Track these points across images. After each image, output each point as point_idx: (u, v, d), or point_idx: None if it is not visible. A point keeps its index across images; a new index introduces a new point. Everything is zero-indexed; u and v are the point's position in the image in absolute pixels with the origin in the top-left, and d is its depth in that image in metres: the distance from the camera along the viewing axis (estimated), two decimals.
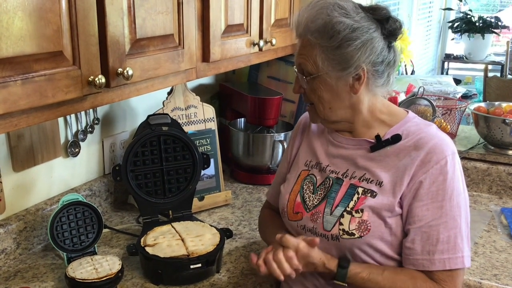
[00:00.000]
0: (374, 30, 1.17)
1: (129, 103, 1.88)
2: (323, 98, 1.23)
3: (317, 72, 1.20)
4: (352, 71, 1.18)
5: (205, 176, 1.88)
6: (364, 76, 1.19)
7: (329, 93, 1.22)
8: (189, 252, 1.39)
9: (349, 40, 1.16)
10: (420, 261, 1.17)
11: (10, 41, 0.94)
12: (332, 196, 1.26)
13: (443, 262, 1.16)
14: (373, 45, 1.17)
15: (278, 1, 1.94)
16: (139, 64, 1.26)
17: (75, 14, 1.07)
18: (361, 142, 1.27)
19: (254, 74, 2.38)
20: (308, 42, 1.20)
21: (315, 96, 1.24)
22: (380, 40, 1.18)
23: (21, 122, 1.03)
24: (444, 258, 1.16)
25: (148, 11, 1.27)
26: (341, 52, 1.17)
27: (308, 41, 1.20)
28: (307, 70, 1.22)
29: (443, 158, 1.17)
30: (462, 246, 1.16)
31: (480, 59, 5.88)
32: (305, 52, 1.21)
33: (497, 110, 2.08)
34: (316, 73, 1.20)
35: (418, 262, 1.17)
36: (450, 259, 1.16)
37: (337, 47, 1.16)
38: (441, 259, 1.16)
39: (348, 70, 1.18)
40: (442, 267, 1.16)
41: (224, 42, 1.62)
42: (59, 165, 1.65)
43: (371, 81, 1.21)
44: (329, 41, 1.17)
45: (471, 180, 2.05)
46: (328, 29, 1.16)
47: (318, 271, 1.22)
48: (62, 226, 1.42)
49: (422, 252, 1.17)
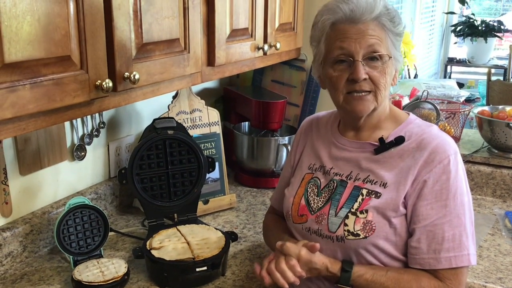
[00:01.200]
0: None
1: (135, 107, 1.89)
2: (387, 83, 1.22)
3: (390, 55, 1.21)
4: (401, 60, 1.24)
5: (210, 179, 1.89)
6: (399, 69, 1.26)
7: (390, 78, 1.23)
8: (194, 255, 1.40)
9: (402, 33, 1.24)
10: (427, 260, 1.18)
11: (19, 46, 0.95)
12: (337, 198, 1.27)
13: (449, 260, 1.16)
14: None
15: (282, 5, 1.95)
16: (145, 68, 1.27)
17: (83, 19, 1.08)
18: (364, 145, 1.28)
19: (258, 78, 2.39)
20: (377, 25, 1.19)
21: (383, 80, 1.20)
22: None
23: (29, 126, 1.04)
24: (450, 256, 1.16)
25: (154, 16, 1.28)
26: (400, 40, 1.23)
27: (377, 25, 1.19)
28: (382, 52, 1.19)
29: (446, 158, 1.18)
30: (467, 244, 1.17)
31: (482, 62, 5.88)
32: (375, 34, 1.19)
33: (501, 114, 2.08)
34: (389, 55, 1.21)
35: (425, 261, 1.18)
36: (456, 257, 1.16)
37: (399, 34, 1.22)
38: (447, 257, 1.16)
39: (400, 58, 1.24)
40: (449, 265, 1.16)
41: (229, 46, 1.63)
42: (65, 169, 1.66)
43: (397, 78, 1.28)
44: (397, 27, 1.21)
45: (475, 183, 2.06)
46: (398, 16, 1.22)
47: (322, 275, 1.23)
48: (69, 229, 1.43)
49: (428, 251, 1.17)
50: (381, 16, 1.19)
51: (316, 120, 1.45)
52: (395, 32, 1.21)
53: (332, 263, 1.21)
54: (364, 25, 1.18)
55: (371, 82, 1.20)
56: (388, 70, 1.21)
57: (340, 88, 1.22)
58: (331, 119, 1.40)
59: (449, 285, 1.16)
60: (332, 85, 1.24)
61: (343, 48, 1.19)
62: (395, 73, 1.26)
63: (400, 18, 1.23)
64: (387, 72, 1.20)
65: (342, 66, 1.20)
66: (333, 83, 1.23)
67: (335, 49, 1.20)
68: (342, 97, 1.22)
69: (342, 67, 1.20)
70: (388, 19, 1.20)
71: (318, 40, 1.25)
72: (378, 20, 1.18)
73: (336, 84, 1.22)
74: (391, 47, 1.21)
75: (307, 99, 2.25)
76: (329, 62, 1.22)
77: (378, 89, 1.20)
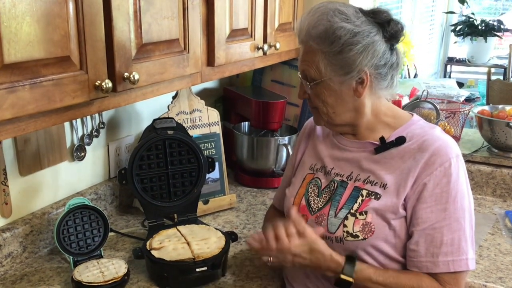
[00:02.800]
0: (375, 33, 1.18)
1: (134, 107, 1.89)
2: (327, 103, 1.24)
3: (320, 78, 1.21)
4: (355, 75, 1.19)
5: (210, 179, 1.89)
6: (367, 79, 1.20)
7: (332, 98, 1.23)
8: (194, 255, 1.39)
9: (350, 45, 1.17)
10: (424, 263, 1.17)
11: (19, 46, 0.95)
12: (337, 199, 1.27)
13: (447, 264, 1.16)
14: (374, 49, 1.18)
15: (282, 5, 1.95)
16: (145, 68, 1.27)
17: (82, 19, 1.08)
18: (365, 145, 1.28)
19: (258, 78, 2.39)
20: (310, 48, 1.21)
21: (319, 101, 1.25)
22: (381, 43, 1.19)
23: (29, 127, 1.04)
24: (448, 260, 1.16)
25: (154, 16, 1.28)
26: (343, 57, 1.18)
27: (310, 47, 1.21)
28: (310, 76, 1.23)
29: (447, 161, 1.18)
30: (466, 249, 1.17)
31: (482, 62, 5.88)
32: (307, 58, 1.23)
33: (501, 113, 2.08)
34: (319, 78, 1.21)
35: (422, 264, 1.18)
36: (454, 261, 1.16)
37: (339, 52, 1.17)
38: (445, 261, 1.16)
39: (350, 74, 1.19)
40: (446, 269, 1.16)
41: (229, 46, 1.63)
42: (65, 169, 1.66)
43: (374, 84, 1.22)
44: (330, 47, 1.18)
45: (475, 183, 2.06)
46: (329, 34, 1.17)
47: (323, 266, 1.19)
48: (68, 230, 1.43)
49: (426, 254, 1.17)
50: (312, 37, 1.19)
51: None
52: (332, 52, 1.18)
53: (336, 253, 1.20)
54: (303, 47, 1.26)
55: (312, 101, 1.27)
56: (324, 91, 1.22)
57: None
58: None
59: None
60: None
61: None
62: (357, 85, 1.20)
63: (335, 34, 1.16)
64: (322, 93, 1.23)
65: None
66: None
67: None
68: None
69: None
70: (320, 40, 1.18)
71: None
72: (310, 42, 1.20)
73: None
74: (324, 69, 1.20)
75: None
76: None
77: (318, 107, 1.27)
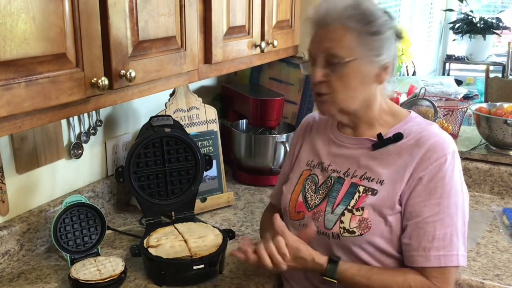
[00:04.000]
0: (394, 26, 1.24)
1: (131, 105, 1.89)
2: (350, 85, 1.21)
3: (351, 56, 1.19)
4: (384, 58, 1.21)
5: (207, 177, 1.89)
6: (390, 66, 1.23)
7: (357, 80, 1.21)
8: (192, 253, 1.39)
9: (385, 28, 1.21)
10: (416, 257, 1.18)
11: (14, 44, 0.95)
12: (334, 195, 1.27)
13: (438, 258, 1.16)
14: (395, 39, 1.24)
15: (280, 2, 1.94)
16: (141, 66, 1.26)
17: (78, 16, 1.07)
18: (363, 141, 1.28)
19: (255, 75, 2.38)
20: (340, 27, 1.19)
21: (341, 83, 1.21)
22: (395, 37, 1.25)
23: (25, 124, 1.04)
24: (439, 255, 1.16)
25: (150, 13, 1.27)
26: (377, 38, 1.20)
27: (338, 27, 1.19)
28: (338, 55, 1.19)
29: (443, 156, 1.18)
30: (457, 245, 1.17)
31: (481, 60, 5.88)
32: (334, 37, 1.19)
33: (498, 111, 2.08)
34: (350, 57, 1.19)
35: (414, 258, 1.18)
36: (446, 256, 1.16)
37: (374, 32, 1.19)
38: (437, 256, 1.16)
39: (380, 57, 1.21)
40: (437, 264, 1.16)
41: (226, 43, 1.63)
42: (62, 167, 1.65)
43: (388, 75, 1.25)
44: (366, 26, 1.18)
45: (473, 180, 2.06)
46: (369, 15, 1.19)
47: (309, 268, 1.21)
48: (66, 228, 1.43)
49: (418, 248, 1.17)
50: (344, 17, 1.18)
51: (316, 117, 1.45)
52: (367, 32, 1.18)
53: (319, 256, 1.21)
54: (327, 28, 1.21)
55: (329, 85, 1.22)
56: (351, 72, 1.20)
57: (313, 89, 1.27)
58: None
59: (436, 284, 1.16)
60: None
61: (309, 50, 1.26)
62: (381, 71, 1.22)
63: (374, 15, 1.19)
64: (348, 74, 1.20)
65: (311, 68, 1.26)
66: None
67: (307, 52, 1.27)
68: (314, 97, 1.28)
69: (311, 69, 1.25)
70: (355, 19, 1.18)
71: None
72: (341, 22, 1.19)
73: (311, 85, 1.27)
74: (358, 48, 1.19)
75: (305, 96, 2.25)
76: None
77: (335, 92, 1.22)
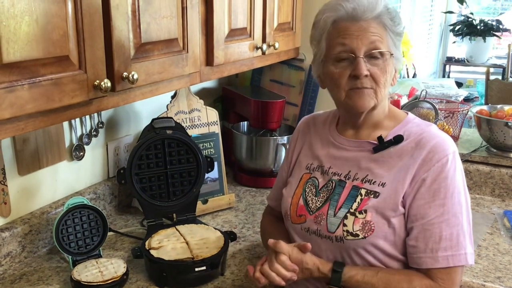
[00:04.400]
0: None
1: (133, 106, 1.89)
2: (387, 81, 1.23)
3: (390, 52, 1.21)
4: (401, 60, 1.25)
5: (208, 179, 1.89)
6: (399, 69, 1.27)
7: (389, 76, 1.23)
8: (193, 255, 1.40)
9: (403, 30, 1.25)
10: (424, 259, 1.18)
11: (18, 46, 0.95)
12: (335, 198, 1.27)
13: (446, 259, 1.16)
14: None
15: (281, 5, 1.95)
16: (144, 68, 1.27)
17: (81, 19, 1.08)
18: (363, 144, 1.28)
19: (257, 77, 2.39)
20: (378, 24, 1.20)
21: (383, 78, 1.21)
22: None
23: (28, 126, 1.04)
24: (447, 255, 1.16)
25: (152, 15, 1.28)
26: (400, 40, 1.24)
27: (378, 23, 1.20)
28: (383, 49, 1.20)
29: (445, 157, 1.19)
30: (464, 244, 1.17)
31: (481, 62, 5.89)
32: (377, 32, 1.20)
33: (499, 113, 2.08)
34: (390, 52, 1.21)
35: (422, 260, 1.18)
36: (454, 256, 1.16)
37: (399, 33, 1.24)
38: (445, 256, 1.16)
39: (401, 58, 1.25)
40: (446, 264, 1.16)
41: (228, 46, 1.63)
42: (64, 169, 1.65)
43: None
44: (397, 27, 1.23)
45: (474, 183, 2.06)
46: (397, 17, 1.23)
47: (314, 276, 1.23)
48: (67, 229, 1.43)
49: (426, 250, 1.17)
50: (382, 15, 1.20)
51: (314, 119, 1.45)
52: (396, 32, 1.22)
53: (323, 263, 1.22)
54: (366, 23, 1.18)
55: (372, 79, 1.20)
56: (389, 68, 1.21)
57: (342, 85, 1.22)
58: (329, 119, 1.40)
59: (442, 285, 1.16)
60: (333, 83, 1.24)
61: (344, 44, 1.19)
62: (395, 73, 1.26)
63: (400, 18, 1.24)
64: (388, 70, 1.21)
65: (344, 63, 1.20)
66: (335, 80, 1.22)
67: (336, 46, 1.21)
68: (344, 93, 1.22)
69: (344, 64, 1.20)
70: (389, 18, 1.21)
71: (319, 38, 1.26)
72: (379, 18, 1.19)
73: (338, 81, 1.22)
74: (391, 46, 1.22)
75: (306, 98, 2.26)
76: (331, 59, 1.22)
77: (378, 87, 1.21)
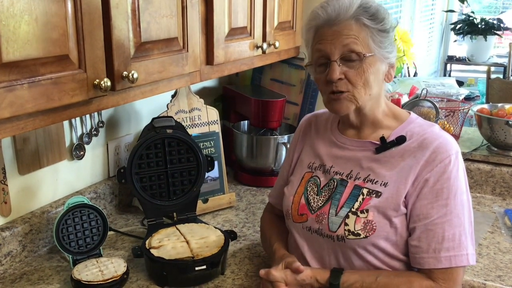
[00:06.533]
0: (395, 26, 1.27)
1: (133, 106, 1.89)
2: (368, 82, 1.21)
3: (370, 52, 1.20)
4: (392, 56, 1.24)
5: (209, 178, 1.89)
6: (395, 64, 1.25)
7: (373, 76, 1.21)
8: (194, 254, 1.40)
9: (393, 27, 1.24)
10: (426, 259, 1.18)
11: (17, 45, 0.95)
12: (337, 198, 1.26)
13: (449, 259, 1.16)
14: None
15: (281, 4, 1.94)
16: (144, 67, 1.27)
17: (80, 18, 1.08)
18: (365, 144, 1.28)
19: (257, 76, 2.38)
20: (354, 24, 1.19)
21: (360, 80, 1.20)
22: None
23: (28, 125, 1.04)
24: (450, 256, 1.16)
25: (152, 14, 1.28)
26: (389, 35, 1.23)
27: (354, 24, 1.19)
28: (358, 50, 1.19)
29: (448, 157, 1.18)
30: (466, 244, 1.17)
31: (482, 61, 5.88)
32: (351, 33, 1.19)
33: (500, 112, 2.08)
34: (369, 53, 1.20)
35: (424, 260, 1.18)
36: (456, 256, 1.16)
37: (385, 30, 1.22)
38: (447, 257, 1.16)
39: (392, 54, 1.24)
40: (448, 265, 1.16)
41: (228, 45, 1.63)
42: (64, 168, 1.66)
43: (394, 73, 1.27)
44: (380, 24, 1.21)
45: (475, 181, 2.06)
46: (381, 13, 1.22)
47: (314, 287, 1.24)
48: (68, 229, 1.43)
49: (428, 250, 1.17)
50: (358, 14, 1.19)
51: (315, 118, 1.44)
52: (379, 29, 1.20)
53: (320, 273, 1.22)
54: (340, 26, 1.20)
55: (348, 82, 1.21)
56: (370, 68, 1.20)
57: (323, 90, 1.26)
58: (331, 118, 1.40)
59: (442, 285, 1.16)
60: (318, 88, 1.28)
61: (320, 50, 1.23)
62: (389, 69, 1.26)
63: (385, 14, 1.22)
64: (366, 70, 1.20)
65: (322, 68, 1.24)
66: (318, 85, 1.28)
67: (315, 52, 1.25)
68: (326, 98, 1.26)
69: (322, 69, 1.24)
70: (368, 17, 1.19)
71: (306, 45, 1.30)
72: (356, 18, 1.19)
73: (319, 86, 1.27)
74: (372, 44, 1.20)
75: (306, 97, 2.26)
76: (314, 65, 1.26)
77: (355, 88, 1.21)
